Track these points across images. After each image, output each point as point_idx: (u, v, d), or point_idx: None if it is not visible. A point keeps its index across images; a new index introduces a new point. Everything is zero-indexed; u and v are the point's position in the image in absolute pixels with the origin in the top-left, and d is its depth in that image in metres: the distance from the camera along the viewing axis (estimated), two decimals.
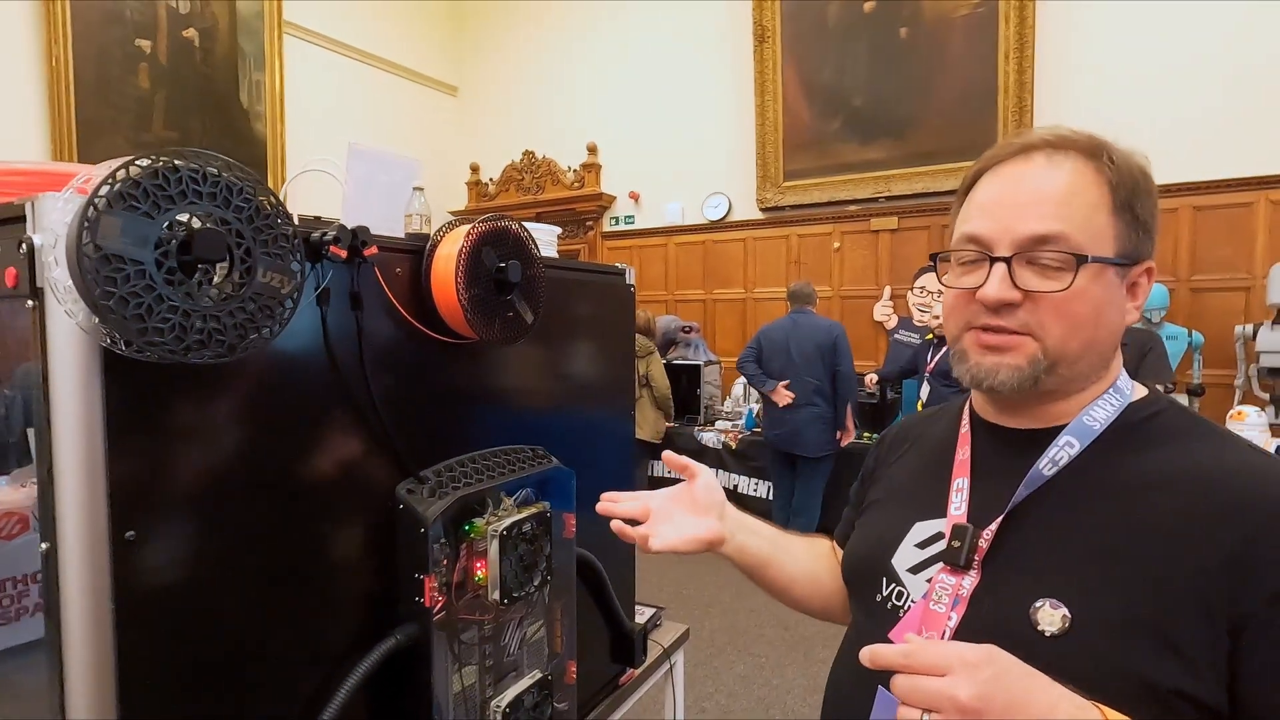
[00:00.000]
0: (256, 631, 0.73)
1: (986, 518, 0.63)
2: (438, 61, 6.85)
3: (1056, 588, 0.57)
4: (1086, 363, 0.63)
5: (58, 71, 4.37)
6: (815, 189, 5.34)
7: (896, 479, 0.79)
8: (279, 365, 0.74)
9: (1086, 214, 0.60)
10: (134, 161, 0.52)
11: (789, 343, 3.94)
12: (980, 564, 0.62)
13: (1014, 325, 0.62)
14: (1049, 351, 0.61)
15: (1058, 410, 0.65)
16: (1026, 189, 0.62)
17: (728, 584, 3.75)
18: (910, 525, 0.71)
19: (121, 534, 0.60)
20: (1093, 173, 0.61)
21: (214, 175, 0.56)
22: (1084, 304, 0.60)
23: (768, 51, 5.34)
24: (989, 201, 0.64)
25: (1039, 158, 0.63)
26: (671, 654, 1.57)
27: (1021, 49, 4.56)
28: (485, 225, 0.89)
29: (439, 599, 0.85)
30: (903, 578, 0.69)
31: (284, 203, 0.63)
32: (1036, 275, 0.60)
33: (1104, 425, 0.63)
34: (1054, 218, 0.60)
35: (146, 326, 0.56)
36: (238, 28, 5.30)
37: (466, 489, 0.90)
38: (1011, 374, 0.62)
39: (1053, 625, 0.56)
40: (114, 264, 0.53)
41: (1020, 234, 0.61)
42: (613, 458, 1.36)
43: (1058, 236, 0.60)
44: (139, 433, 0.61)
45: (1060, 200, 0.60)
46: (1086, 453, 0.62)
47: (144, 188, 0.53)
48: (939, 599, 0.63)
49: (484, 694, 0.94)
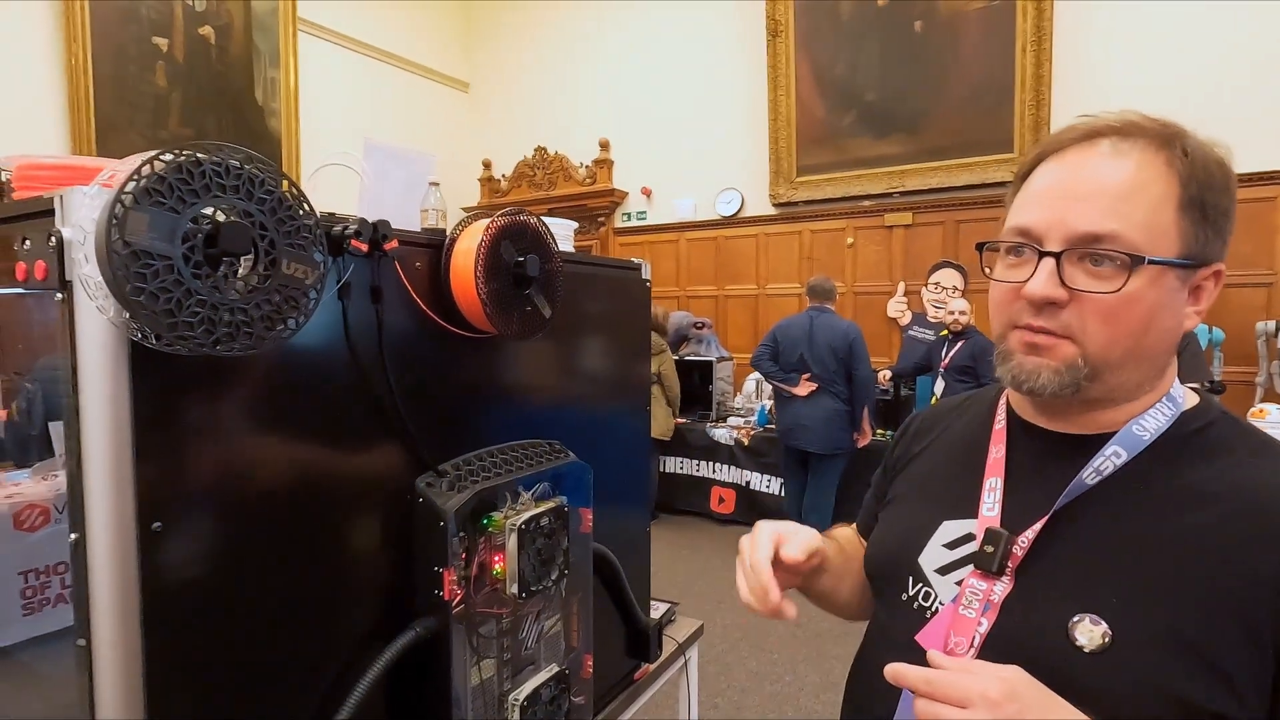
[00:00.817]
0: (278, 623, 0.73)
1: (1021, 522, 0.61)
2: (450, 58, 6.86)
3: (1096, 602, 0.55)
4: (1134, 371, 0.59)
5: (76, 70, 4.42)
6: (829, 184, 5.31)
7: (923, 472, 0.76)
8: (301, 359, 0.74)
9: (1149, 211, 0.56)
10: (158, 157, 0.53)
11: (804, 342, 3.90)
12: (1014, 571, 0.60)
13: (1055, 326, 0.58)
14: (1089, 357, 0.57)
15: (1105, 418, 0.62)
16: (1085, 180, 0.57)
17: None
18: (938, 523, 0.69)
19: (148, 525, 0.60)
20: (1162, 164, 0.57)
21: (236, 168, 0.57)
22: (1135, 309, 0.56)
23: (781, 46, 5.31)
24: (1044, 191, 0.60)
25: (1104, 145, 0.58)
26: (686, 649, 1.57)
27: (1039, 41, 4.50)
28: (504, 219, 0.89)
29: (458, 592, 0.85)
30: (930, 578, 0.67)
31: (305, 194, 0.63)
32: (1087, 275, 0.57)
33: (1154, 436, 0.60)
34: (1111, 214, 0.56)
35: (177, 320, 0.57)
36: (252, 25, 5.34)
37: (485, 483, 0.91)
38: (1052, 377, 0.59)
39: (1093, 641, 0.54)
40: (143, 259, 0.53)
41: (1074, 229, 0.57)
42: (628, 453, 1.36)
43: (1113, 236, 0.55)
44: (166, 425, 0.62)
45: (1121, 195, 0.56)
46: (1132, 463, 0.59)
47: (169, 183, 0.53)
48: (969, 604, 0.61)
49: (502, 687, 0.94)
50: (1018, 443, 0.67)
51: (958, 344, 3.96)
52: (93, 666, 0.59)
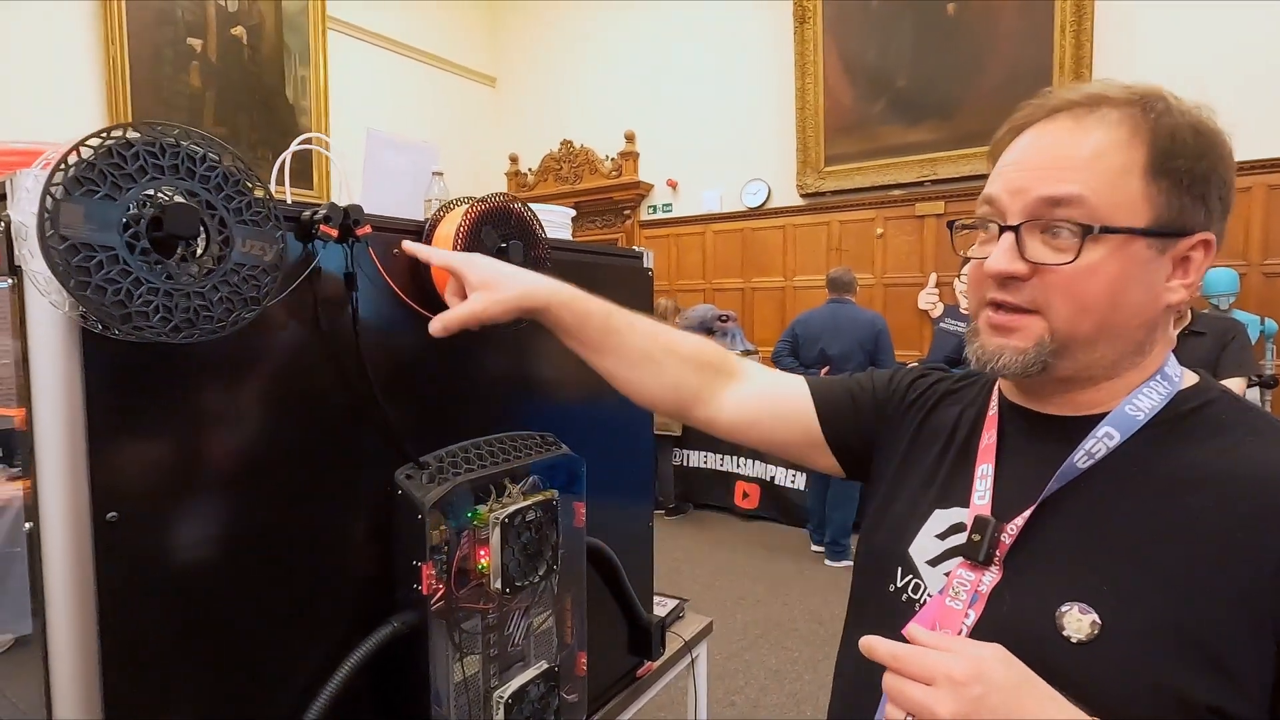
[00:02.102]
0: (249, 616, 0.72)
1: (1011, 510, 0.58)
2: (476, 53, 6.89)
3: (1086, 590, 0.52)
4: (1108, 347, 0.56)
5: (114, 71, 4.54)
6: (857, 173, 5.18)
7: (914, 458, 0.73)
8: (271, 346, 0.73)
9: (1112, 177, 0.54)
10: (84, 142, 0.51)
11: (826, 334, 3.81)
12: (1002, 560, 0.57)
13: (1021, 301, 0.57)
14: (1057, 333, 0.55)
15: (1089, 397, 0.59)
16: (1045, 149, 0.56)
17: (761, 577, 3.69)
18: (930, 512, 0.66)
19: (103, 515, 0.59)
20: (1127, 130, 0.54)
21: (172, 145, 0.55)
22: (1097, 280, 0.54)
23: (808, 33, 5.19)
24: (1009, 164, 0.59)
25: (1064, 118, 0.57)
26: (694, 647, 1.54)
27: (1079, 22, 4.32)
28: (485, 204, 0.86)
29: (437, 587, 0.83)
30: (920, 569, 0.64)
31: (251, 167, 0.61)
32: (1045, 246, 0.55)
33: (1148, 416, 0.57)
34: (1071, 180, 0.54)
35: (130, 311, 0.55)
36: (283, 25, 5.42)
37: (468, 475, 0.88)
38: (1014, 357, 0.57)
39: (1080, 631, 0.51)
40: (83, 252, 0.52)
41: (1031, 198, 0.55)
42: (629, 446, 1.33)
43: (1072, 199, 0.53)
44: (121, 413, 0.61)
45: (1081, 162, 0.54)
46: (1126, 444, 0.56)
47: (99, 169, 0.51)
48: (956, 595, 0.58)
49: (487, 684, 0.92)
50: (1008, 427, 0.65)
51: None
52: (48, 660, 0.59)
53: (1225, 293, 3.62)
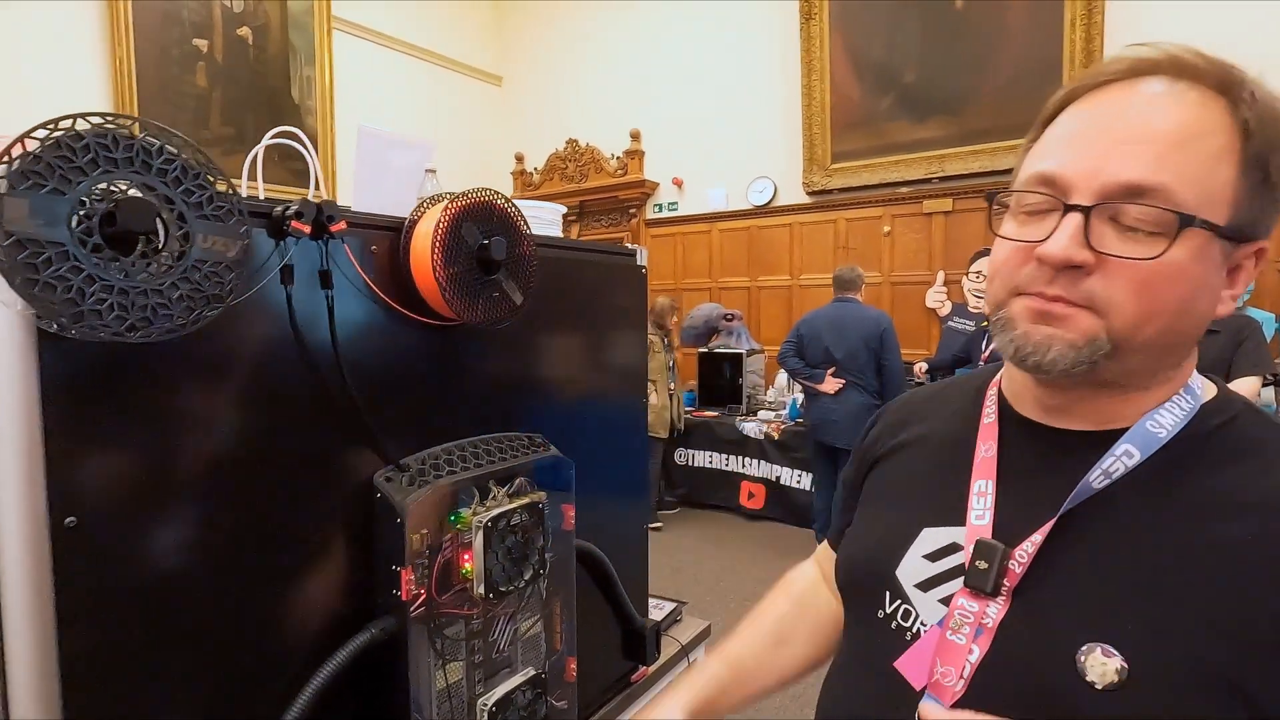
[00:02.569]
0: (220, 624, 0.70)
1: (1016, 533, 0.53)
2: (482, 52, 6.88)
3: (1109, 629, 0.47)
4: (1159, 355, 0.50)
5: (121, 71, 4.56)
6: (864, 170, 5.13)
7: (900, 470, 0.68)
8: (241, 345, 0.71)
9: (1204, 165, 0.46)
10: (30, 134, 0.49)
11: (831, 333, 3.75)
12: (1011, 591, 0.52)
13: (1075, 296, 0.48)
14: (1114, 333, 0.48)
15: (1113, 410, 0.53)
16: (1132, 122, 0.47)
17: (766, 578, 3.65)
18: (917, 530, 0.60)
19: (61, 520, 0.57)
20: (1222, 111, 0.47)
21: (126, 138, 0.53)
22: (1176, 281, 0.47)
23: (814, 29, 5.15)
24: (1075, 134, 0.50)
25: (1153, 83, 0.48)
26: (691, 650, 1.51)
27: (1089, 17, 4.25)
28: (466, 200, 0.84)
29: (417, 592, 0.81)
30: (910, 594, 0.59)
31: (213, 161, 0.59)
32: (1119, 236, 0.47)
33: (1171, 434, 0.51)
34: (1159, 164, 0.46)
35: (82, 310, 0.53)
36: (288, 24, 5.43)
37: (450, 477, 0.86)
38: (1065, 351, 0.49)
39: (1104, 677, 0.46)
40: (29, 248, 0.50)
41: (1110, 179, 0.46)
42: (622, 447, 1.30)
43: (1158, 189, 0.45)
44: (82, 414, 0.59)
45: (1175, 142, 0.46)
46: (1146, 464, 0.50)
47: (46, 161, 0.49)
48: (958, 628, 0.53)
49: (471, 691, 0.90)
50: (1011, 440, 0.58)
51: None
52: (5, 670, 0.57)
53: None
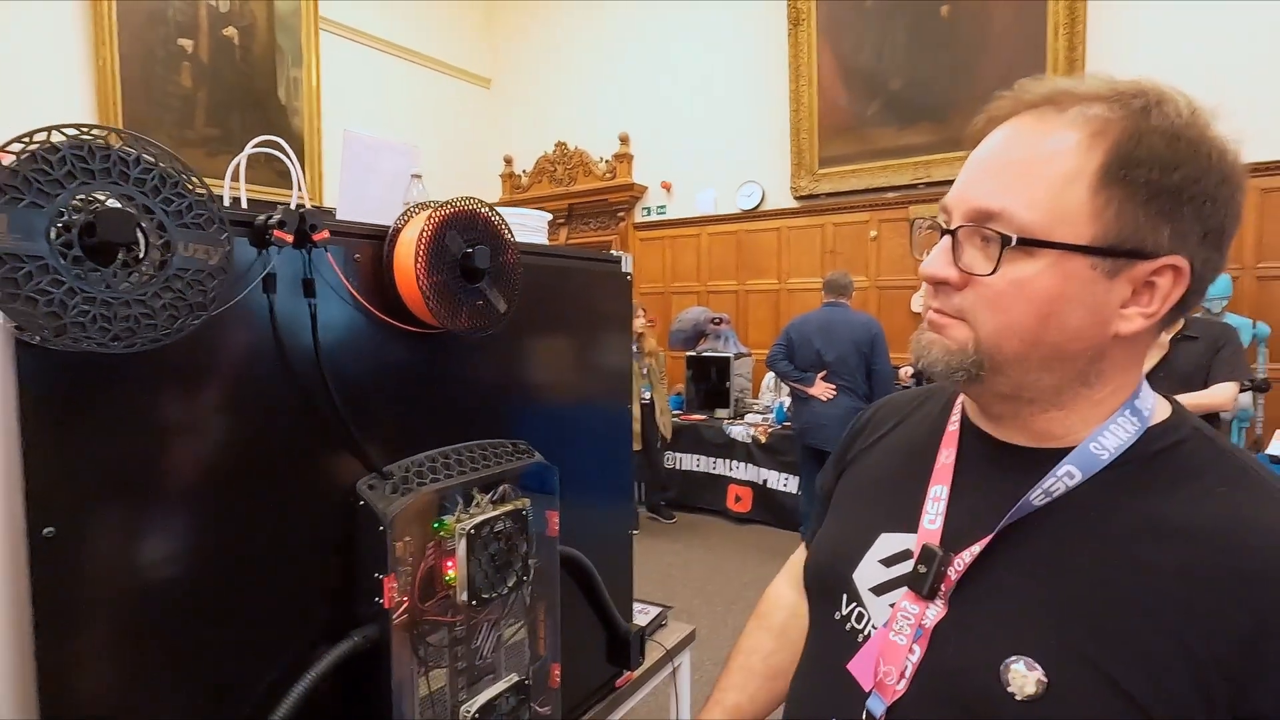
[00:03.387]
0: (201, 633, 0.70)
1: (961, 540, 0.55)
2: (471, 54, 6.87)
3: (1033, 644, 0.49)
4: (1043, 371, 0.52)
5: (105, 71, 4.52)
6: (851, 176, 5.17)
7: (867, 474, 0.69)
8: (222, 354, 0.71)
9: (1053, 186, 0.49)
10: (5, 148, 0.49)
11: (821, 337, 3.78)
12: (948, 596, 0.54)
13: (949, 309, 0.54)
14: (980, 345, 0.52)
15: (1041, 427, 0.55)
16: (993, 153, 0.53)
17: (753, 581, 3.67)
18: (875, 535, 0.62)
19: (39, 530, 0.57)
20: (1090, 131, 0.49)
21: (102, 149, 0.53)
22: (1021, 297, 0.50)
23: (803, 35, 5.18)
24: (966, 165, 0.56)
25: (1029, 118, 0.53)
26: (675, 655, 1.52)
27: (1072, 24, 4.31)
28: (450, 209, 0.84)
29: (400, 600, 0.82)
30: (864, 597, 0.61)
31: (189, 166, 0.59)
32: (980, 254, 0.52)
33: (1113, 455, 0.52)
34: (1003, 190, 0.51)
35: (65, 322, 0.54)
36: (275, 25, 5.40)
37: (434, 485, 0.87)
38: (941, 354, 0.54)
39: (1024, 689, 0.48)
40: (9, 263, 0.50)
41: (968, 205, 0.53)
42: (607, 454, 1.31)
43: (999, 212, 0.50)
44: (60, 425, 0.59)
45: (1020, 170, 0.51)
46: (1087, 484, 0.52)
47: (22, 175, 0.49)
48: (900, 629, 0.55)
49: (456, 697, 0.90)
50: (967, 448, 0.61)
51: None
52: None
53: (1218, 297, 3.61)
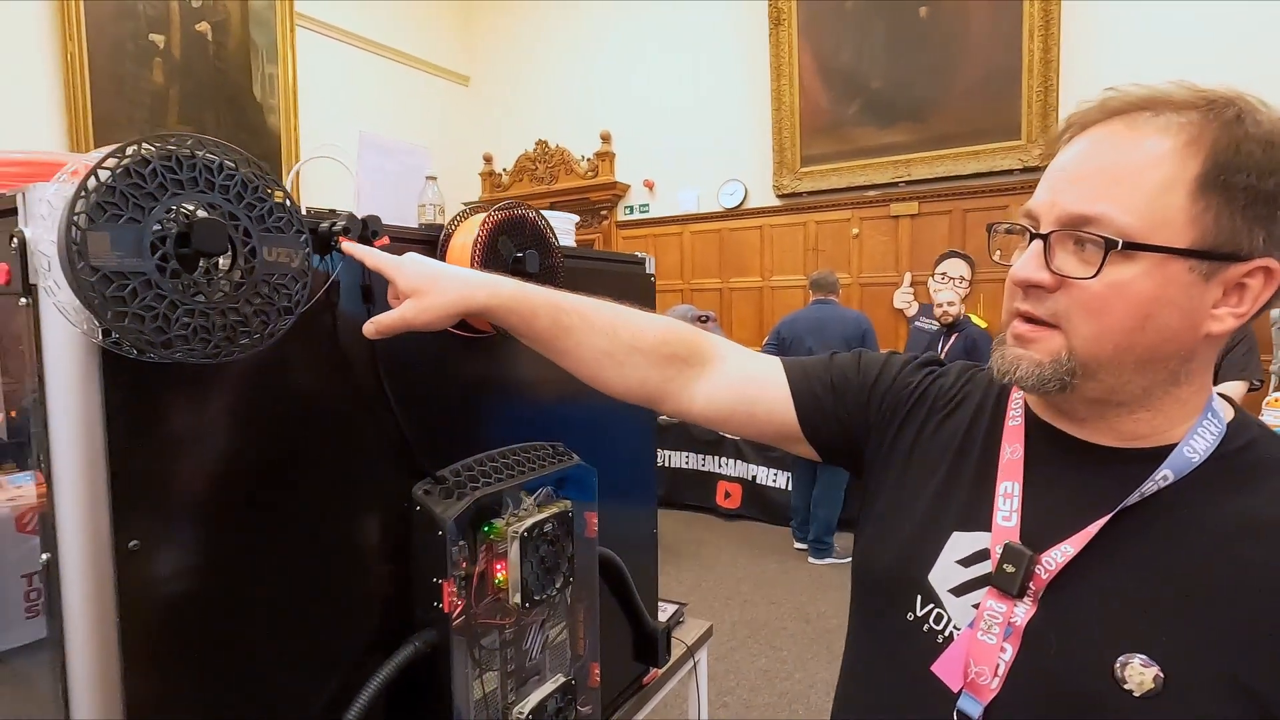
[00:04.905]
0: (269, 640, 0.70)
1: (1043, 537, 0.56)
2: (449, 51, 6.80)
3: (1145, 640, 0.50)
4: (1137, 373, 0.53)
5: (73, 67, 4.38)
6: (833, 174, 5.24)
7: (921, 466, 0.67)
8: (288, 363, 0.70)
9: (1151, 193, 0.50)
10: (101, 165, 0.48)
11: (812, 335, 3.85)
12: (1038, 595, 0.54)
13: (1043, 313, 0.54)
14: (1075, 351, 0.53)
15: (1127, 427, 0.56)
16: (1087, 158, 0.54)
17: (746, 576, 3.71)
18: (947, 535, 0.61)
19: (125, 543, 0.57)
20: (1185, 138, 0.50)
21: (188, 157, 0.52)
22: (1124, 300, 0.51)
23: (784, 35, 5.23)
24: (1051, 171, 0.56)
25: (1118, 123, 0.53)
26: (695, 652, 1.54)
27: (1047, 26, 4.42)
28: (502, 213, 0.85)
29: (458, 604, 0.82)
30: (943, 598, 0.60)
31: (269, 171, 0.59)
32: (1073, 258, 0.53)
33: (1203, 458, 0.54)
34: (1102, 195, 0.51)
35: (170, 336, 0.53)
36: (249, 21, 5.29)
37: (485, 489, 0.87)
38: (1030, 370, 0.55)
39: (1142, 686, 0.49)
40: (116, 282, 0.49)
41: (1062, 210, 0.53)
42: (633, 453, 1.32)
43: (1098, 218, 0.51)
44: (141, 436, 0.58)
45: (1119, 175, 0.51)
46: (1176, 485, 0.54)
47: (119, 191, 0.48)
48: (988, 628, 0.55)
49: (505, 700, 0.91)
50: (1036, 444, 0.61)
51: (952, 337, 3.90)
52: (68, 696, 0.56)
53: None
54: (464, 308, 0.72)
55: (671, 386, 0.76)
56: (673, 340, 0.76)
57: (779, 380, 0.75)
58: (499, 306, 0.72)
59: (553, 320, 0.73)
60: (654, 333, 0.76)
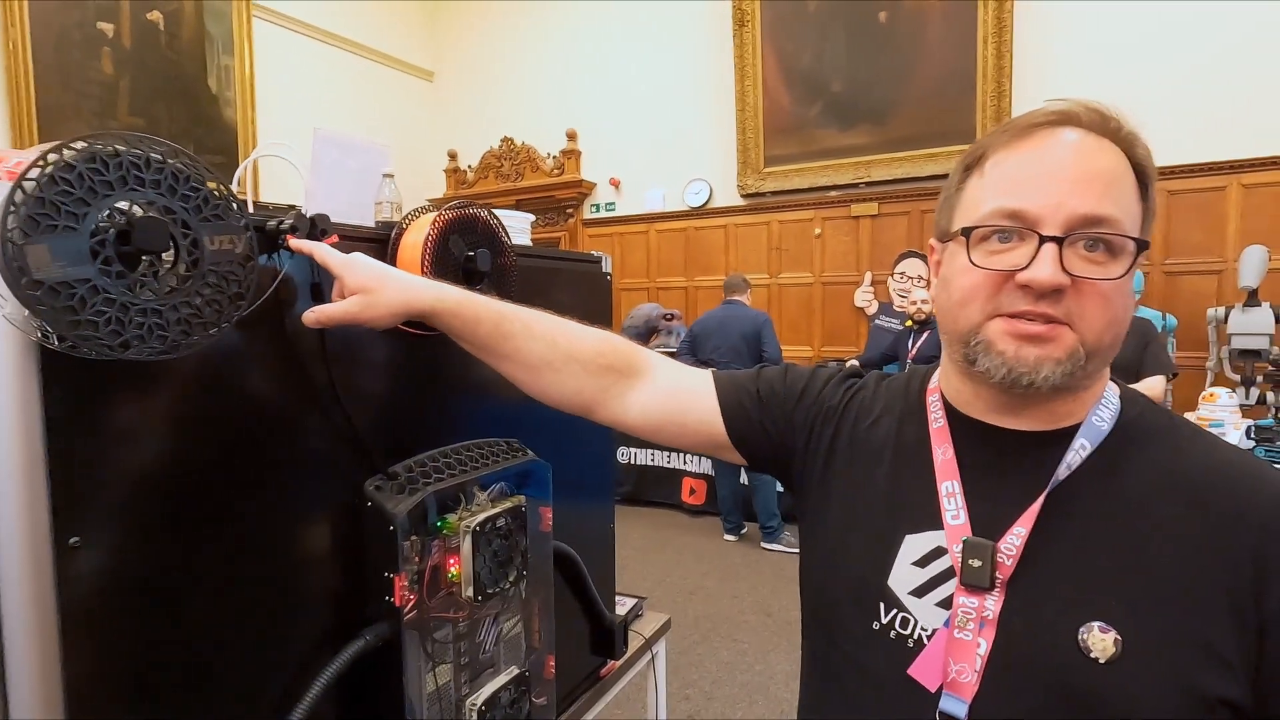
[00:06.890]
0: (217, 636, 0.70)
1: (992, 529, 0.58)
2: (413, 46, 6.72)
3: (1100, 609, 0.53)
4: (1107, 359, 0.59)
5: (15, 55, 4.22)
6: (796, 175, 5.32)
7: (858, 475, 0.69)
8: (235, 360, 0.71)
9: (1129, 197, 0.57)
10: (25, 177, 0.47)
11: (716, 334, 4.12)
12: (1004, 583, 0.56)
13: (1058, 313, 0.55)
14: (1087, 344, 0.55)
15: (1064, 410, 0.60)
16: (1077, 164, 0.56)
17: (711, 570, 3.76)
18: (900, 538, 0.63)
19: (65, 540, 0.56)
20: (1120, 152, 0.57)
21: (113, 157, 0.52)
22: (1123, 295, 0.57)
23: (747, 36, 5.29)
24: (1031, 174, 0.57)
25: (1079, 134, 0.57)
26: (653, 644, 1.56)
27: (1000, 34, 4.56)
28: (453, 212, 0.86)
29: (410, 598, 0.83)
30: (905, 602, 0.61)
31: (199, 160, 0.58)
32: (1083, 260, 0.55)
33: (1110, 425, 0.59)
34: (1107, 198, 0.55)
35: (126, 338, 0.53)
36: (204, 11, 5.15)
37: (438, 484, 0.88)
38: (1054, 370, 0.55)
39: (1105, 652, 0.52)
40: (63, 294, 0.49)
41: (1075, 212, 0.54)
42: (591, 449, 1.34)
43: (1110, 218, 0.55)
44: (82, 432, 0.58)
45: (1107, 180, 0.56)
46: (1093, 456, 0.58)
47: (49, 200, 0.48)
48: (963, 625, 0.57)
49: (459, 692, 0.92)
50: (964, 441, 0.63)
51: (924, 334, 4.01)
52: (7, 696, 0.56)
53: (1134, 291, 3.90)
54: (410, 309, 0.74)
55: (606, 395, 0.79)
56: (608, 351, 0.80)
57: (709, 390, 0.79)
58: (444, 310, 0.75)
59: (495, 327, 0.77)
60: (591, 343, 0.80)
